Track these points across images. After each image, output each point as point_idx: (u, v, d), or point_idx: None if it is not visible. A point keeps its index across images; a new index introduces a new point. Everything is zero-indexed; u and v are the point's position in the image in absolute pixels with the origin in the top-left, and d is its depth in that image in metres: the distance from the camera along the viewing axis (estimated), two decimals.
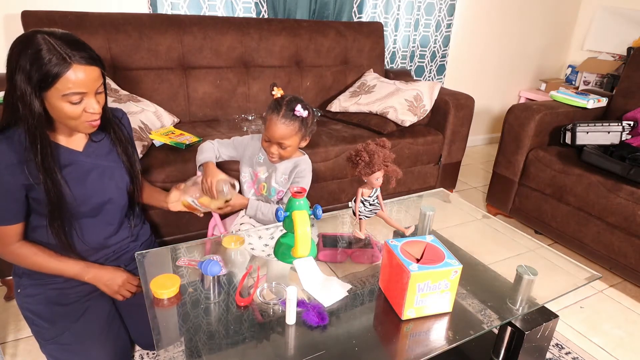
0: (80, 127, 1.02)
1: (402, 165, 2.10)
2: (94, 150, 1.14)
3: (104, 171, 1.14)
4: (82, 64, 0.94)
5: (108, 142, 1.17)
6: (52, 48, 0.91)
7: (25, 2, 1.79)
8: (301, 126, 1.28)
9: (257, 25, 2.14)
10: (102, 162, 1.15)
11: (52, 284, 1.15)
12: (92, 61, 0.96)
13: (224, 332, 0.89)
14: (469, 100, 2.24)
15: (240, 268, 1.10)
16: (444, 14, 2.84)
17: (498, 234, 1.42)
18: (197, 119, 2.05)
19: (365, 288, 1.05)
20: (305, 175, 1.36)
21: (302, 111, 1.25)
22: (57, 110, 0.96)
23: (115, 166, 1.18)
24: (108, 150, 1.17)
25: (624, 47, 3.14)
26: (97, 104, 0.99)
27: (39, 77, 0.91)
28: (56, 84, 0.92)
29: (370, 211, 1.16)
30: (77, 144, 1.11)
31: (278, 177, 1.37)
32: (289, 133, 1.26)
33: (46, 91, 0.93)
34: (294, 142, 1.29)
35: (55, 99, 0.94)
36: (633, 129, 2.04)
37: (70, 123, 1.00)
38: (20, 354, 1.33)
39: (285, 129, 1.25)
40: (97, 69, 0.98)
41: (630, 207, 1.70)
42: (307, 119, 1.29)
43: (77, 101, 0.96)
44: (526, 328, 1.05)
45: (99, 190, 1.13)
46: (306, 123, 1.29)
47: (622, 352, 1.50)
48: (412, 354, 0.88)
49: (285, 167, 1.37)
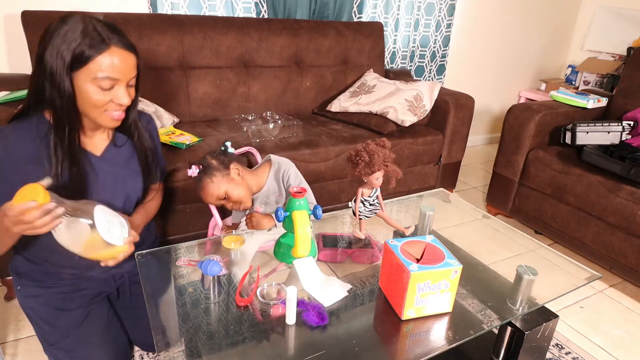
0: (102, 118, 0.95)
1: (402, 165, 2.10)
2: (113, 157, 1.07)
3: (117, 180, 1.08)
4: (120, 48, 0.89)
5: (129, 148, 1.10)
6: (91, 28, 0.86)
7: (25, 2, 1.79)
8: (211, 175, 1.26)
9: (257, 25, 2.14)
10: (119, 170, 1.08)
11: (56, 288, 1.10)
12: (130, 48, 0.91)
13: (224, 332, 0.89)
14: (469, 100, 2.24)
15: (240, 268, 1.10)
16: (444, 14, 2.84)
17: (498, 234, 1.42)
18: (197, 119, 2.05)
19: (365, 288, 1.05)
20: (290, 173, 1.35)
21: (191, 171, 1.26)
22: (84, 94, 0.90)
23: (131, 175, 1.11)
24: (128, 156, 1.10)
25: (624, 47, 3.14)
26: (127, 97, 0.93)
27: (73, 55, 0.85)
28: (89, 64, 0.86)
29: (370, 211, 1.16)
30: (97, 147, 1.05)
31: (272, 199, 1.37)
32: (211, 189, 1.26)
33: (77, 70, 0.87)
34: (223, 187, 1.26)
35: (84, 81, 0.88)
36: (633, 129, 2.04)
37: (93, 112, 0.93)
38: (20, 354, 1.33)
39: (206, 188, 1.26)
40: (134, 58, 0.93)
41: (630, 207, 1.70)
42: (207, 166, 1.27)
43: (108, 87, 0.90)
44: (526, 328, 1.05)
45: (108, 197, 1.06)
46: (208, 167, 1.27)
47: (622, 352, 1.50)
48: (412, 354, 0.88)
49: (270, 186, 1.37)
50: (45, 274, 1.09)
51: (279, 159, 1.38)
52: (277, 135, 1.90)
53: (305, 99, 2.31)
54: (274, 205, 1.38)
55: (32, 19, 1.68)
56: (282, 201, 1.38)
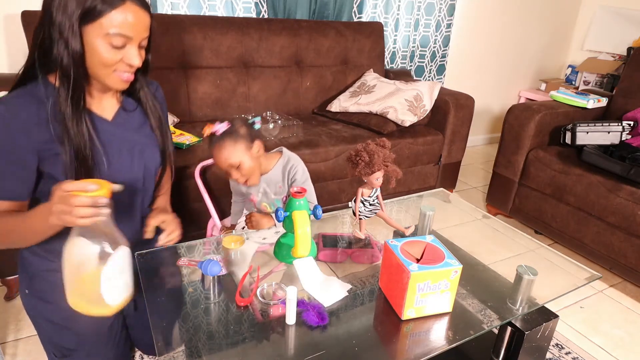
0: (110, 79, 0.89)
1: (402, 165, 2.10)
2: (125, 122, 1.00)
3: (133, 146, 1.01)
4: (136, 5, 0.84)
5: (140, 114, 1.04)
6: None
7: (25, 2, 1.79)
8: (234, 139, 1.23)
9: (257, 25, 2.14)
10: (133, 135, 1.02)
11: None
12: (145, 6, 0.87)
13: (224, 332, 0.89)
14: (469, 100, 2.24)
15: (240, 268, 1.10)
16: (444, 14, 2.84)
17: (498, 234, 1.42)
18: (197, 119, 2.05)
19: (365, 288, 1.05)
20: (298, 169, 1.35)
21: (221, 126, 1.22)
22: (93, 51, 0.84)
23: (147, 142, 1.04)
24: (140, 123, 1.04)
25: (624, 47, 3.14)
26: (138, 57, 0.89)
27: (83, 8, 0.80)
28: (101, 19, 0.81)
29: (370, 211, 1.16)
30: (107, 111, 0.98)
31: (272, 189, 1.37)
32: (227, 152, 1.22)
33: (87, 25, 0.82)
34: (239, 155, 1.23)
35: (95, 36, 0.83)
36: (633, 129, 2.04)
37: (102, 72, 0.88)
38: (20, 354, 1.33)
39: (223, 150, 1.22)
40: (149, 18, 0.88)
41: (630, 207, 1.70)
42: (234, 129, 1.24)
43: (119, 45, 0.85)
44: (526, 328, 1.05)
45: (127, 168, 0.99)
46: (237, 133, 1.24)
47: (622, 352, 1.50)
48: (412, 354, 0.88)
49: (274, 174, 1.35)
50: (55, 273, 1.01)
51: (290, 153, 1.38)
52: (277, 135, 1.90)
53: (305, 99, 2.31)
54: (271, 196, 1.37)
55: (32, 19, 1.67)
56: (281, 193, 1.37)
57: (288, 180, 1.36)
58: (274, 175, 1.35)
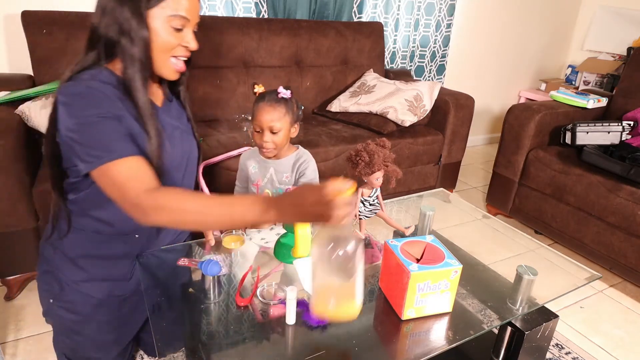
0: (166, 67, 0.91)
1: (402, 165, 2.10)
2: (169, 110, 1.03)
3: (181, 133, 1.04)
4: None
5: (177, 106, 1.07)
6: None
7: (25, 2, 1.79)
8: (288, 109, 1.27)
9: (257, 25, 2.14)
10: (178, 123, 1.04)
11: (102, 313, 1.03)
12: None
13: (224, 332, 0.89)
14: (469, 100, 2.24)
15: (241, 268, 1.10)
16: (444, 14, 2.84)
17: (498, 234, 1.42)
18: (197, 119, 2.03)
19: (365, 288, 1.05)
20: (309, 165, 1.36)
21: (285, 91, 1.26)
22: (156, 35, 0.86)
23: (187, 131, 1.07)
24: (178, 113, 1.07)
25: (624, 47, 3.14)
26: (194, 41, 0.91)
27: None
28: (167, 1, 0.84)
29: (370, 211, 1.16)
30: (157, 98, 1.00)
31: (279, 177, 1.37)
32: (277, 115, 1.24)
33: (154, 7, 0.83)
34: (284, 124, 1.26)
35: (159, 19, 0.84)
36: (633, 129, 2.04)
37: (160, 57, 0.89)
38: (20, 354, 1.33)
39: (273, 111, 1.24)
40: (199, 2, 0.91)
41: (630, 207, 1.70)
42: (291, 101, 1.28)
43: (180, 27, 0.87)
44: (526, 328, 1.05)
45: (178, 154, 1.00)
46: (292, 106, 1.28)
47: (622, 352, 1.50)
48: (412, 354, 0.88)
49: (285, 164, 1.36)
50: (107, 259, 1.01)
51: (305, 151, 1.40)
52: None
53: (305, 99, 2.31)
54: (276, 184, 1.37)
55: (32, 19, 1.67)
56: (286, 184, 1.37)
57: (297, 173, 1.36)
58: (285, 162, 1.36)
